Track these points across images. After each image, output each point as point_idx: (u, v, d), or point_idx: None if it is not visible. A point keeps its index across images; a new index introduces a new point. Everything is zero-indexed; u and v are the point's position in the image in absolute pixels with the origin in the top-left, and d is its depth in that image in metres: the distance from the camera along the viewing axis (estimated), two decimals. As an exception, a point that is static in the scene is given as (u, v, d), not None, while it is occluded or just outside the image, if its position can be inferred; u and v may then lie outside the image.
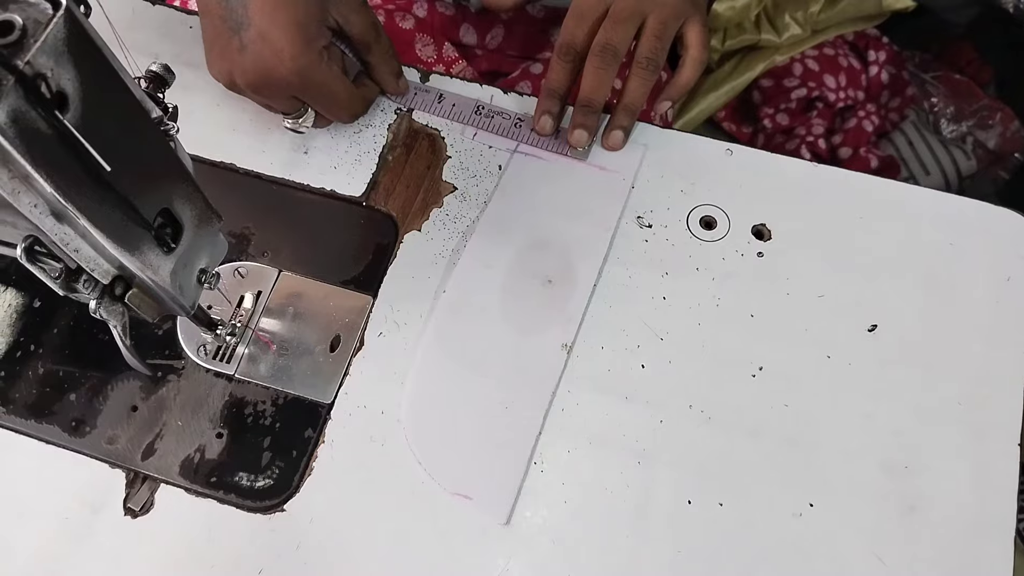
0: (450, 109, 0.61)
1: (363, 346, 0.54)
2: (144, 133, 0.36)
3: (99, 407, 0.52)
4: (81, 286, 0.38)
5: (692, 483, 0.50)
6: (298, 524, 0.49)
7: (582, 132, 0.57)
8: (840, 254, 0.56)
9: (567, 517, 0.49)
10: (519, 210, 0.57)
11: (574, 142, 0.58)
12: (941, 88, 1.41)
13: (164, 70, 0.42)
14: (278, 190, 0.59)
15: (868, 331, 0.53)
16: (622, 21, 0.56)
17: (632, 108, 0.58)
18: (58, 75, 0.29)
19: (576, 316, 0.54)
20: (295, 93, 0.54)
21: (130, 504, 0.50)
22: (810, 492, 0.49)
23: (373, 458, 0.50)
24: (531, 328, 0.53)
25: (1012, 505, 0.49)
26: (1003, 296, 0.54)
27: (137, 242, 0.37)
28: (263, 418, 0.52)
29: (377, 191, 0.59)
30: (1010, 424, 0.51)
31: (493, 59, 0.74)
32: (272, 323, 0.55)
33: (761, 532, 0.48)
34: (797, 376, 0.52)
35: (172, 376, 0.53)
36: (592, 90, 0.56)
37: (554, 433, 0.51)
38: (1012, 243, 0.56)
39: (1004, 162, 1.39)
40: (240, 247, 0.57)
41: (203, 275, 0.44)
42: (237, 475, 0.50)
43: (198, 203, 0.41)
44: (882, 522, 0.48)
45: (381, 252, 0.57)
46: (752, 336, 0.53)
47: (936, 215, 0.57)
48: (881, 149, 1.37)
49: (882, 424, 0.51)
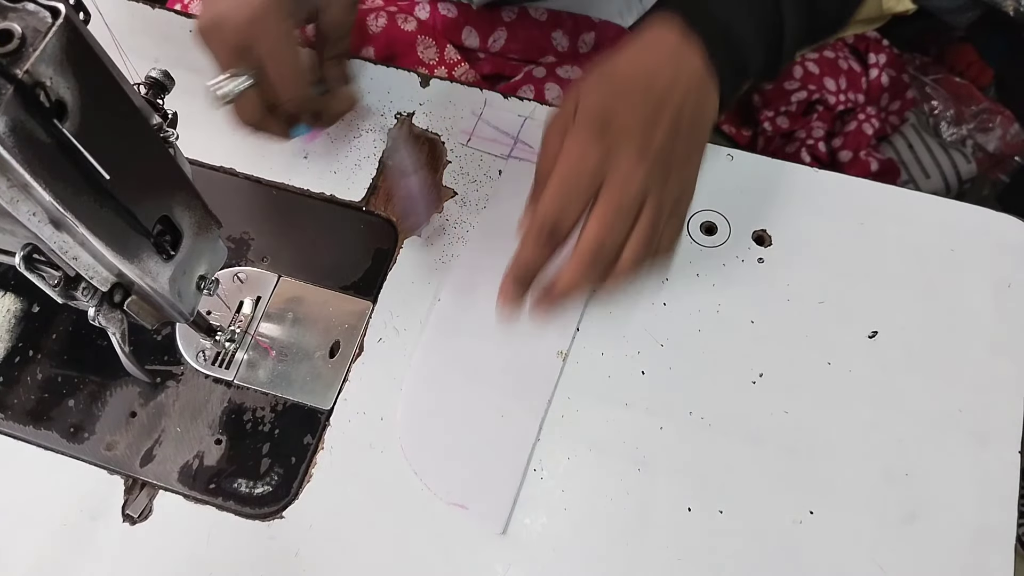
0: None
1: (362, 352, 0.53)
2: (143, 140, 0.36)
3: (98, 413, 0.52)
4: (80, 294, 0.38)
5: (692, 490, 0.49)
6: (297, 531, 0.49)
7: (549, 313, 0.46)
8: (841, 260, 0.56)
9: (567, 524, 0.49)
10: (514, 217, 0.57)
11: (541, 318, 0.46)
12: (941, 91, 1.41)
13: (164, 76, 0.42)
14: (278, 195, 0.59)
15: (869, 337, 0.53)
16: (624, 218, 0.43)
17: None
18: (57, 84, 0.29)
19: (572, 323, 0.54)
20: (241, 42, 0.49)
21: (129, 511, 0.50)
22: (810, 499, 0.49)
23: (372, 465, 0.50)
24: (527, 336, 0.53)
25: (1013, 512, 0.49)
26: (1004, 302, 0.54)
27: (136, 250, 0.37)
28: (262, 424, 0.52)
29: (377, 196, 0.58)
30: (1011, 431, 0.51)
31: (495, 62, 0.74)
32: (271, 328, 0.54)
33: (761, 539, 0.48)
34: (797, 383, 0.52)
35: (171, 382, 0.53)
36: (569, 288, 0.44)
37: (554, 440, 0.51)
38: (1013, 249, 0.56)
39: (1004, 165, 1.39)
40: (240, 252, 0.57)
41: (202, 281, 0.44)
42: (236, 482, 0.50)
43: (197, 210, 0.41)
44: (883, 530, 0.48)
45: (381, 257, 0.56)
46: (752, 342, 0.53)
47: (937, 221, 0.57)
48: (881, 152, 1.37)
49: (883, 431, 0.51)
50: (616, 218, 0.43)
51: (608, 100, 0.45)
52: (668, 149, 0.44)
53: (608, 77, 0.47)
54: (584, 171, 0.43)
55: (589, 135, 0.44)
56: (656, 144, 0.44)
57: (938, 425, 0.51)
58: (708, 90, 0.47)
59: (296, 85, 0.51)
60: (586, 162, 0.43)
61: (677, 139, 0.45)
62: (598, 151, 0.43)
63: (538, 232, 0.44)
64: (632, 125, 0.44)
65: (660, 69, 0.46)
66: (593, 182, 0.43)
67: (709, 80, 0.47)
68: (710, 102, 0.47)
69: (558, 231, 0.44)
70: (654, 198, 0.44)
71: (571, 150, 0.44)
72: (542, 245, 0.44)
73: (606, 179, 0.43)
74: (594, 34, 0.75)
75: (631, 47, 0.48)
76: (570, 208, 0.43)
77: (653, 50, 0.47)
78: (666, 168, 0.44)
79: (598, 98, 0.45)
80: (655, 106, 0.45)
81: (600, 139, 0.44)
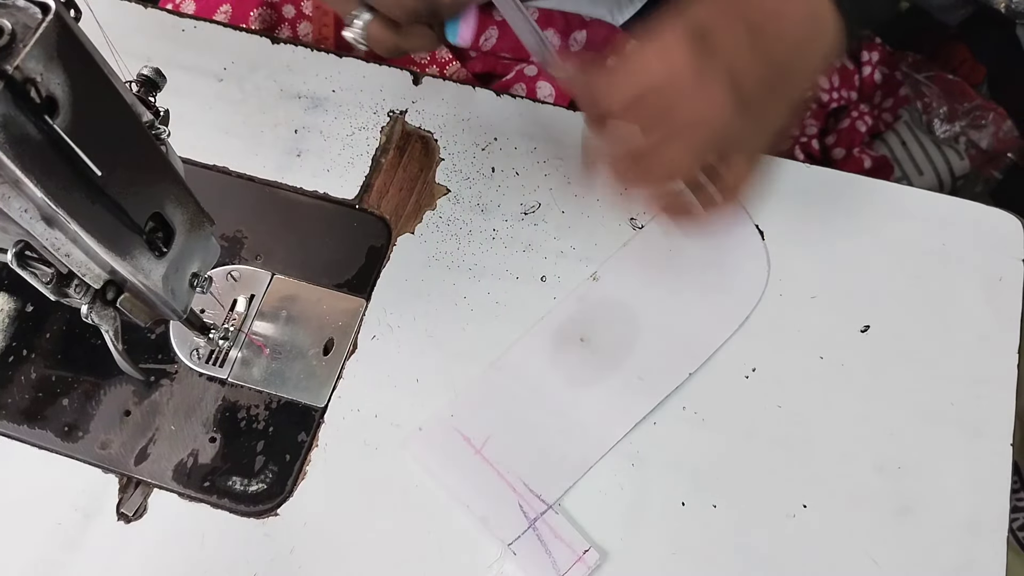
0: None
1: (356, 349, 0.53)
2: (135, 137, 0.36)
3: (92, 412, 0.52)
4: (72, 291, 0.38)
5: (686, 485, 0.50)
6: (292, 528, 0.49)
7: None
8: (833, 255, 0.56)
9: (561, 515, 0.49)
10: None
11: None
12: (934, 88, 1.41)
13: (155, 74, 0.42)
14: (271, 193, 0.59)
15: (861, 332, 0.54)
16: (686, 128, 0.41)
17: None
18: (48, 80, 0.29)
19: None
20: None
21: (123, 509, 0.50)
22: (804, 493, 0.49)
23: (367, 462, 0.50)
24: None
25: (1005, 505, 0.49)
26: (995, 296, 0.55)
27: (128, 246, 0.37)
28: (256, 422, 0.52)
29: (370, 194, 0.59)
30: (1002, 424, 0.51)
31: (487, 60, 0.74)
32: (265, 326, 0.54)
33: (755, 533, 0.48)
34: (790, 377, 0.52)
35: (165, 380, 0.53)
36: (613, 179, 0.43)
37: (548, 435, 0.51)
38: (1004, 243, 0.56)
39: (997, 162, 1.39)
40: (233, 250, 0.57)
41: (195, 279, 0.44)
42: (231, 479, 0.50)
43: (190, 207, 0.41)
44: (876, 523, 0.49)
45: (374, 255, 0.57)
46: (745, 337, 0.53)
47: (928, 216, 0.57)
48: (874, 149, 1.37)
49: (875, 425, 0.51)
50: (672, 134, 0.41)
51: (713, 15, 0.42)
52: (760, 83, 0.42)
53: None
54: (673, 72, 0.41)
55: (683, 39, 0.41)
56: (749, 75, 0.41)
57: (930, 418, 0.51)
58: (824, 30, 0.43)
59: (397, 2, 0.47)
60: (673, 64, 0.41)
61: (774, 74, 0.42)
62: (686, 57, 0.41)
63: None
64: (730, 47, 0.41)
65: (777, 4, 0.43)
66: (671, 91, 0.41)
67: (829, 20, 0.43)
68: (822, 42, 0.44)
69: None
70: (731, 131, 0.41)
71: (660, 48, 0.42)
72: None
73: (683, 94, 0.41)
74: (586, 32, 0.75)
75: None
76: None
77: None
78: (752, 105, 0.41)
79: (703, 11, 0.42)
80: (757, 35, 0.42)
81: (692, 48, 0.41)
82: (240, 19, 0.72)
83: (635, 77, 0.42)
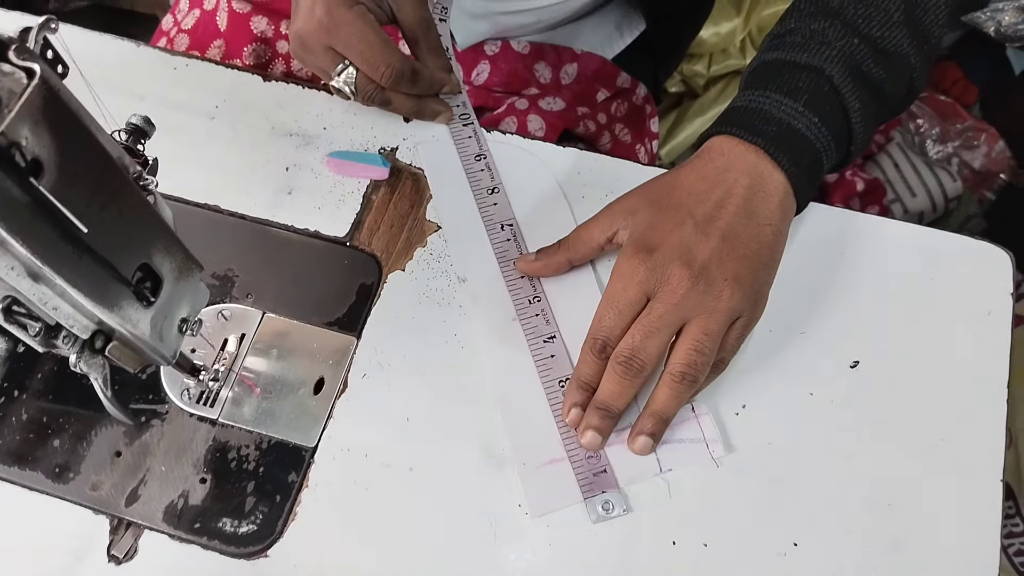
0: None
1: (347, 388, 0.54)
2: (121, 192, 0.36)
3: (83, 453, 0.52)
4: (61, 341, 0.38)
5: (676, 524, 0.50)
6: (282, 570, 0.49)
7: (595, 436, 0.50)
8: (821, 290, 0.56)
9: (551, 559, 0.49)
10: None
11: (586, 445, 0.50)
12: (926, 109, 1.42)
13: (144, 122, 0.42)
14: (262, 231, 0.59)
15: (850, 367, 0.54)
16: (656, 331, 0.48)
17: (661, 417, 0.50)
18: (33, 143, 0.30)
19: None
20: (327, 42, 0.56)
21: (114, 551, 0.50)
22: (794, 531, 0.49)
23: (357, 502, 0.50)
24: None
25: (996, 540, 0.49)
26: (984, 330, 0.55)
27: (116, 298, 0.37)
28: (247, 462, 0.52)
29: (361, 231, 0.59)
30: (992, 458, 0.51)
31: (479, 95, 0.74)
32: (256, 365, 0.55)
33: (746, 572, 0.48)
34: (780, 414, 0.52)
35: (156, 421, 0.53)
36: (611, 396, 0.49)
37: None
38: (992, 277, 0.56)
39: (990, 182, 1.40)
40: (224, 289, 0.57)
41: (184, 324, 0.44)
42: (221, 520, 0.50)
43: (178, 255, 0.41)
44: (867, 560, 0.49)
45: (365, 292, 0.57)
46: (734, 373, 0.53)
47: (917, 249, 0.57)
48: (867, 171, 1.38)
49: (865, 461, 0.51)
50: (647, 330, 0.48)
51: (654, 219, 0.51)
52: (717, 260, 0.49)
53: (654, 196, 0.52)
54: (631, 286, 0.49)
55: (636, 255, 0.50)
56: (702, 257, 0.49)
57: (920, 454, 0.51)
58: (770, 193, 0.51)
59: (386, 59, 0.56)
60: (633, 280, 0.49)
61: (733, 245, 0.50)
62: (645, 269, 0.49)
63: (591, 347, 0.50)
64: (676, 242, 0.49)
65: (713, 182, 0.51)
66: (639, 301, 0.49)
67: (773, 182, 0.51)
68: (772, 204, 0.51)
69: (609, 345, 0.50)
70: (701, 309, 0.49)
71: (620, 268, 0.50)
72: (598, 359, 0.50)
73: (655, 295, 0.49)
74: (576, 65, 0.75)
75: (685, 164, 0.53)
76: (619, 323, 0.49)
77: (706, 162, 0.52)
78: (715, 280, 0.49)
79: (645, 217, 0.51)
80: (706, 216, 0.50)
81: (646, 259, 0.49)
82: (234, 54, 0.73)
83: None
